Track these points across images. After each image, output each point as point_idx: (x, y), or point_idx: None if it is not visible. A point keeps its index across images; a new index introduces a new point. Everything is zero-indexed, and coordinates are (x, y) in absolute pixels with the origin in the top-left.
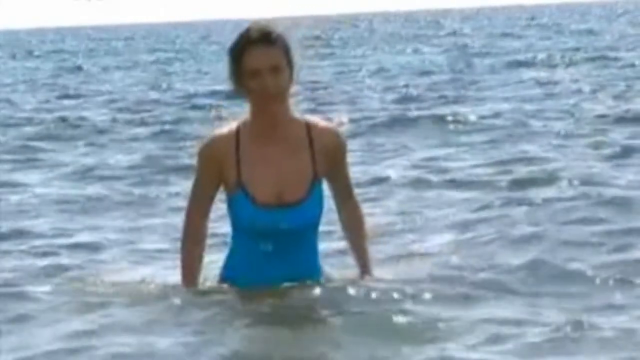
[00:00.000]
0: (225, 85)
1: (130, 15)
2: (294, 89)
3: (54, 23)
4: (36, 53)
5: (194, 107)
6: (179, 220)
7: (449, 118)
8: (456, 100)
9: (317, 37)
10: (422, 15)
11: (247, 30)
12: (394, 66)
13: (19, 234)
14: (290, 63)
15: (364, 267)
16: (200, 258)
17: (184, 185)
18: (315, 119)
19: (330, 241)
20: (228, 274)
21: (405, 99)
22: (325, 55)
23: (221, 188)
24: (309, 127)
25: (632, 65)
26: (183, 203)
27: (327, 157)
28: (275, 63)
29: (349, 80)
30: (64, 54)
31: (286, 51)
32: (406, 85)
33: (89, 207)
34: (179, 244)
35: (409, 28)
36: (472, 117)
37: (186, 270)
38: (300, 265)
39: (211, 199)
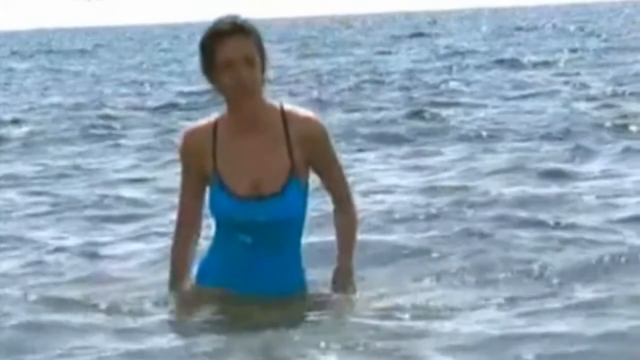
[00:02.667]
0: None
1: (130, 15)
2: (267, 82)
3: (54, 23)
4: (28, 53)
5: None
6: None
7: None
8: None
9: (313, 37)
10: (421, 16)
11: (219, 22)
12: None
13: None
14: (262, 56)
15: (342, 265)
16: (193, 251)
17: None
18: (293, 107)
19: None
20: (204, 267)
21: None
22: (317, 55)
23: None
24: (284, 115)
25: (623, 64)
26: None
27: (304, 146)
28: (249, 54)
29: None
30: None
31: (259, 43)
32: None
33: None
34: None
35: (406, 28)
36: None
37: (177, 263)
38: (280, 260)
39: (200, 197)
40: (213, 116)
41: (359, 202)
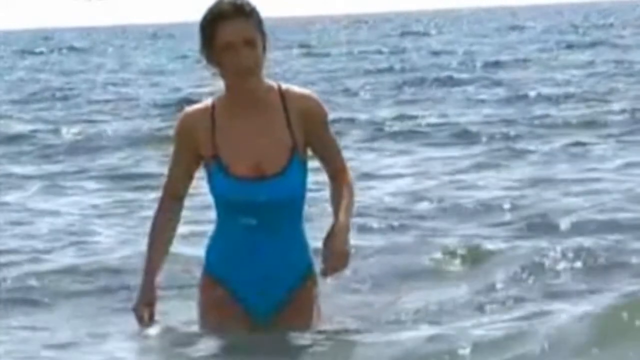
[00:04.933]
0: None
1: (130, 15)
2: (266, 60)
3: (54, 23)
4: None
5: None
6: None
7: None
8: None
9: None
10: (416, 16)
11: (219, 3)
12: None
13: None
14: (263, 35)
15: (340, 220)
16: (170, 240)
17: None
18: (290, 86)
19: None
20: (212, 256)
21: None
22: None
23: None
24: (282, 94)
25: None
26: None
27: (303, 122)
28: (250, 36)
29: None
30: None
31: (259, 23)
32: None
33: None
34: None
35: (400, 28)
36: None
37: (155, 241)
38: (283, 241)
39: (189, 175)
40: (210, 98)
41: None
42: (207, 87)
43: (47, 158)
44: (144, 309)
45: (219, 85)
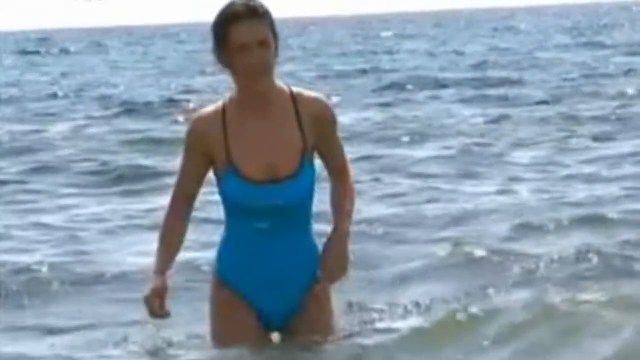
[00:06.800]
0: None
1: (130, 16)
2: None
3: (54, 24)
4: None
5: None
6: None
7: None
8: None
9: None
10: (415, 17)
11: (232, 4)
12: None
13: None
14: (275, 36)
15: (339, 226)
16: (180, 238)
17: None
18: (301, 89)
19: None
20: (223, 260)
21: None
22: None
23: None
24: (294, 96)
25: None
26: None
27: (313, 126)
28: (263, 37)
29: None
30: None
31: (271, 24)
32: None
33: None
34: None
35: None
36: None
37: (165, 242)
38: (296, 242)
39: (199, 177)
40: (220, 101)
41: None
42: (199, 85)
43: (21, 157)
44: (155, 299)
45: (209, 82)
